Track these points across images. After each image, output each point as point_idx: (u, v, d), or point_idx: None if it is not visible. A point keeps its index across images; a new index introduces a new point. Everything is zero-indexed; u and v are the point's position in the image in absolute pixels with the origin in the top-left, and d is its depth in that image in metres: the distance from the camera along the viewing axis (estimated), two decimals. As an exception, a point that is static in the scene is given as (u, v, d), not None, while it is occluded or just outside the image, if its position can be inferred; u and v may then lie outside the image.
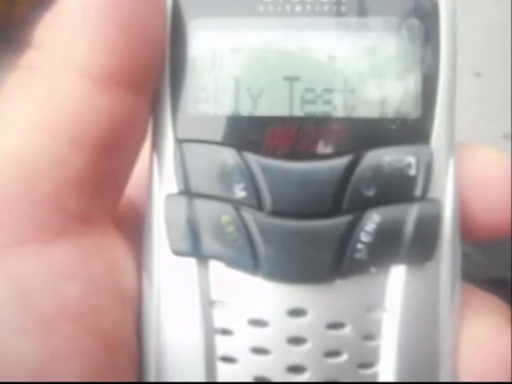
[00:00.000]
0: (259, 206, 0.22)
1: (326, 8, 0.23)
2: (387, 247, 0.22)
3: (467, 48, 0.93)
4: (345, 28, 0.23)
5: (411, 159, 0.22)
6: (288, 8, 0.23)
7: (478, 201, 0.23)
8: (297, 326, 0.22)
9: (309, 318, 0.22)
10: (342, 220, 0.22)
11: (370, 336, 0.22)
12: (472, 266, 0.74)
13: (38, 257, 0.21)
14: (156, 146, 0.23)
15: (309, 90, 0.23)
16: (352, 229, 0.22)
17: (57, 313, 0.20)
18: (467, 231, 0.23)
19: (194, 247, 0.22)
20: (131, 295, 0.23)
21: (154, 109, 0.23)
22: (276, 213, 0.22)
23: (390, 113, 0.23)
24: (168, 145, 0.23)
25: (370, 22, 0.23)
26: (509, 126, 0.93)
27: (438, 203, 0.22)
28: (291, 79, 0.23)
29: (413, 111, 0.23)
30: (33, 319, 0.20)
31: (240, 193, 0.22)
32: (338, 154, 0.22)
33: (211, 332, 0.22)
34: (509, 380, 0.21)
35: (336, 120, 0.23)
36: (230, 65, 0.23)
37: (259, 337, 0.22)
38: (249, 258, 0.22)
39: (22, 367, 0.20)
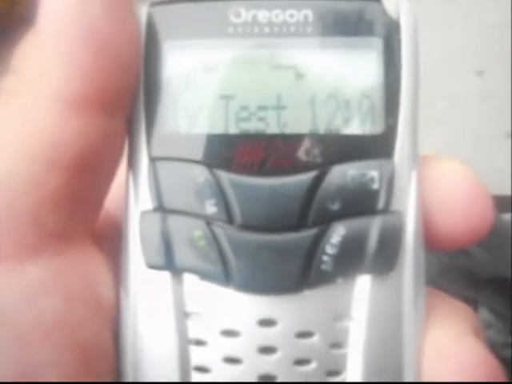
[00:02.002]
0: (229, 221, 0.23)
1: (292, 29, 0.24)
2: (352, 258, 0.23)
3: (469, 46, 0.94)
4: (311, 48, 0.24)
5: (374, 173, 0.23)
6: (256, 29, 0.24)
7: (441, 211, 0.24)
8: (267, 335, 0.23)
9: (278, 327, 0.23)
10: (309, 233, 0.23)
11: (337, 344, 0.23)
12: (475, 265, 0.74)
13: (16, 274, 0.22)
14: (131, 164, 0.24)
15: (279, 108, 0.24)
16: (318, 241, 0.23)
17: (33, 326, 0.21)
18: (432, 241, 0.24)
19: (168, 261, 0.23)
20: (109, 308, 0.24)
21: (130, 129, 0.24)
22: (246, 227, 0.23)
23: (354, 129, 0.24)
24: (143, 163, 0.24)
25: (335, 42, 0.24)
26: (510, 125, 0.93)
27: (400, 215, 0.23)
28: (261, 98, 0.24)
29: (376, 127, 0.24)
30: (9, 332, 0.21)
31: (211, 208, 0.23)
32: (305, 169, 0.23)
33: (185, 343, 0.23)
34: None
35: (302, 136, 0.23)
36: (201, 85, 0.24)
37: (231, 347, 0.23)
38: (220, 271, 0.23)
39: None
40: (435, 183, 0.24)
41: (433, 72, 0.89)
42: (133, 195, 0.24)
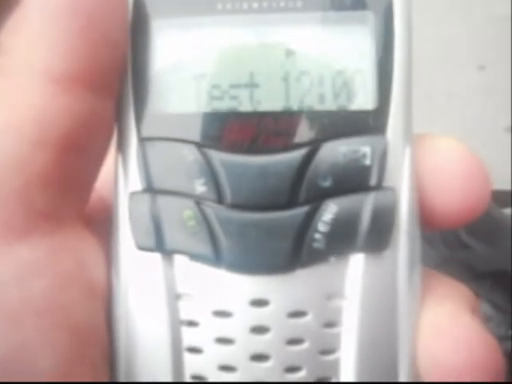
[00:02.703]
0: (219, 200, 0.23)
1: (282, 4, 0.24)
2: (345, 236, 0.23)
3: (471, 41, 0.93)
4: (301, 23, 0.24)
5: (366, 149, 0.23)
6: (245, 5, 0.24)
7: (437, 189, 0.23)
8: (259, 315, 0.23)
9: (271, 307, 0.23)
10: (300, 211, 0.23)
11: (330, 323, 0.23)
12: (475, 259, 0.74)
13: (6, 254, 0.21)
14: (120, 145, 0.24)
15: (269, 85, 0.23)
16: (310, 219, 0.23)
17: (24, 307, 0.21)
18: (428, 220, 0.24)
19: (158, 242, 0.23)
20: (101, 290, 0.24)
21: (118, 109, 0.24)
22: (236, 206, 0.23)
23: (346, 105, 0.23)
24: (131, 144, 0.24)
25: (326, 16, 0.24)
26: (511, 119, 0.93)
27: (393, 191, 0.23)
28: (251, 75, 0.24)
29: (368, 103, 0.23)
30: (0, 313, 0.21)
31: (200, 188, 0.23)
32: (295, 146, 0.23)
33: (177, 324, 0.23)
34: (461, 362, 0.22)
35: (293, 113, 0.23)
36: (189, 63, 0.24)
37: (223, 327, 0.23)
38: (211, 251, 0.23)
39: None
40: (430, 160, 0.23)
41: (433, 66, 0.89)
42: (122, 176, 0.24)
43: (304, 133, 0.23)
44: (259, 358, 0.23)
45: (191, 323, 0.23)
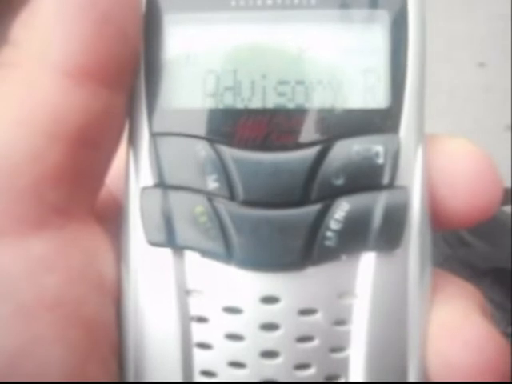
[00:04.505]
0: (231, 197, 0.23)
1: (296, 1, 0.24)
2: (356, 235, 0.23)
3: (471, 38, 0.93)
4: (315, 20, 0.24)
5: (379, 148, 0.23)
6: (259, 2, 0.24)
7: (448, 188, 0.23)
8: (270, 312, 0.23)
9: (281, 304, 0.23)
10: (312, 209, 0.23)
11: (341, 321, 0.23)
12: (475, 257, 0.74)
13: (18, 249, 0.21)
14: (132, 140, 0.24)
15: (282, 82, 0.23)
16: (322, 217, 0.22)
17: (36, 302, 0.21)
18: (440, 219, 0.24)
19: (169, 238, 0.23)
20: (111, 285, 0.24)
21: (130, 104, 0.24)
22: (248, 203, 0.23)
23: (359, 103, 0.23)
24: (143, 139, 0.24)
25: (340, 14, 0.23)
26: (511, 117, 0.93)
27: (405, 190, 0.23)
28: (264, 72, 0.23)
29: (381, 102, 0.23)
30: (12, 307, 0.21)
31: (212, 184, 0.23)
32: (308, 144, 0.23)
33: (187, 320, 0.23)
34: (471, 361, 0.22)
35: (306, 111, 0.23)
36: (202, 59, 0.24)
37: (234, 324, 0.23)
38: (222, 248, 0.23)
39: (2, 352, 0.20)
40: (442, 160, 0.24)
41: (434, 64, 0.89)
42: (133, 171, 0.24)
43: (317, 131, 0.23)
44: (269, 354, 0.23)
45: (201, 319, 0.23)
